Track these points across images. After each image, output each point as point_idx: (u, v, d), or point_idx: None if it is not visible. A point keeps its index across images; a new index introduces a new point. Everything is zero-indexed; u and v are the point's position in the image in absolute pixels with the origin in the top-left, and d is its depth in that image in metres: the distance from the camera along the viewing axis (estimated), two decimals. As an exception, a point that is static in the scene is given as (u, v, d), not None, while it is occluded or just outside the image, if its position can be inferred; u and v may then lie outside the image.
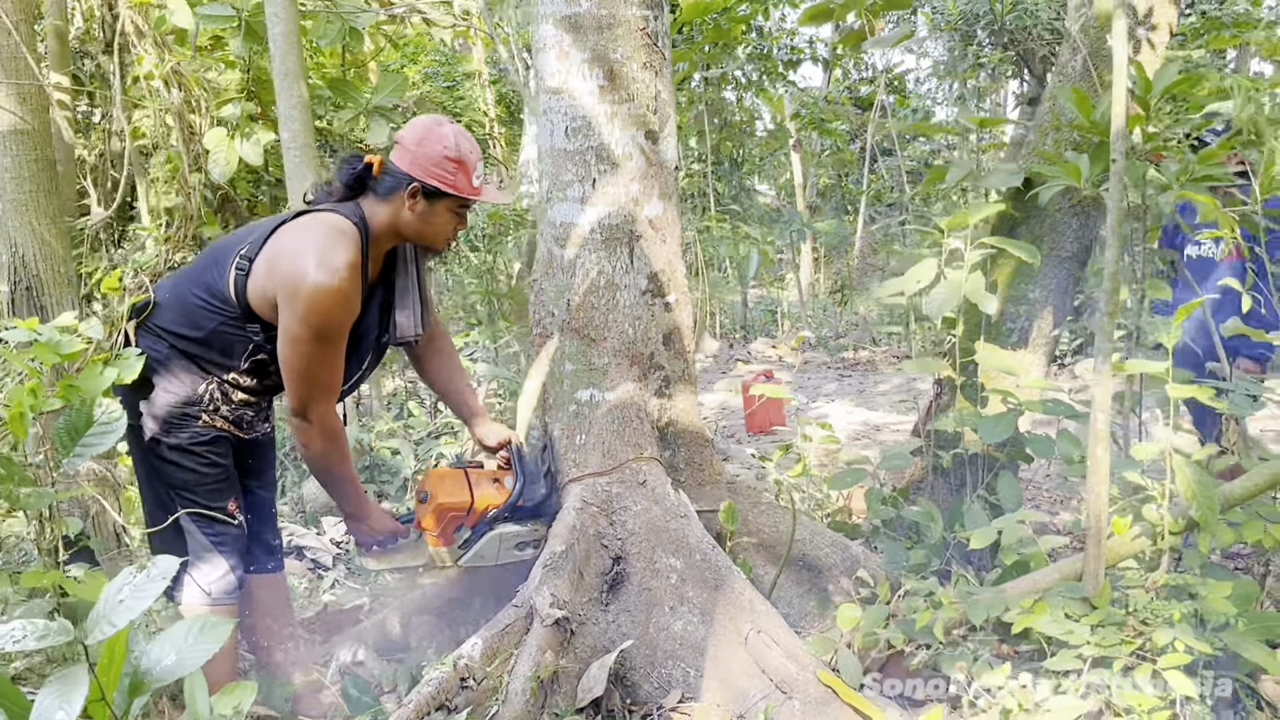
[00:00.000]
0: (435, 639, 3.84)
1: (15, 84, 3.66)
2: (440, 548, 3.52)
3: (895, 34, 12.11)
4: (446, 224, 3.25)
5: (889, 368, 12.85)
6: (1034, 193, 3.88)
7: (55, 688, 2.14)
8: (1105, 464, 2.98)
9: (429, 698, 3.00)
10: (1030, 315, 4.13)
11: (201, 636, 2.35)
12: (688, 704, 3.37)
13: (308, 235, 3.04)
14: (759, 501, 4.08)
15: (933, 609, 3.20)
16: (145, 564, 2.24)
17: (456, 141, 3.14)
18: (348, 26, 5.52)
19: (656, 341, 3.83)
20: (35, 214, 3.73)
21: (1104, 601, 3.02)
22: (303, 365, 3.02)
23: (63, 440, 2.94)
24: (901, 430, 9.07)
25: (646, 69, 3.70)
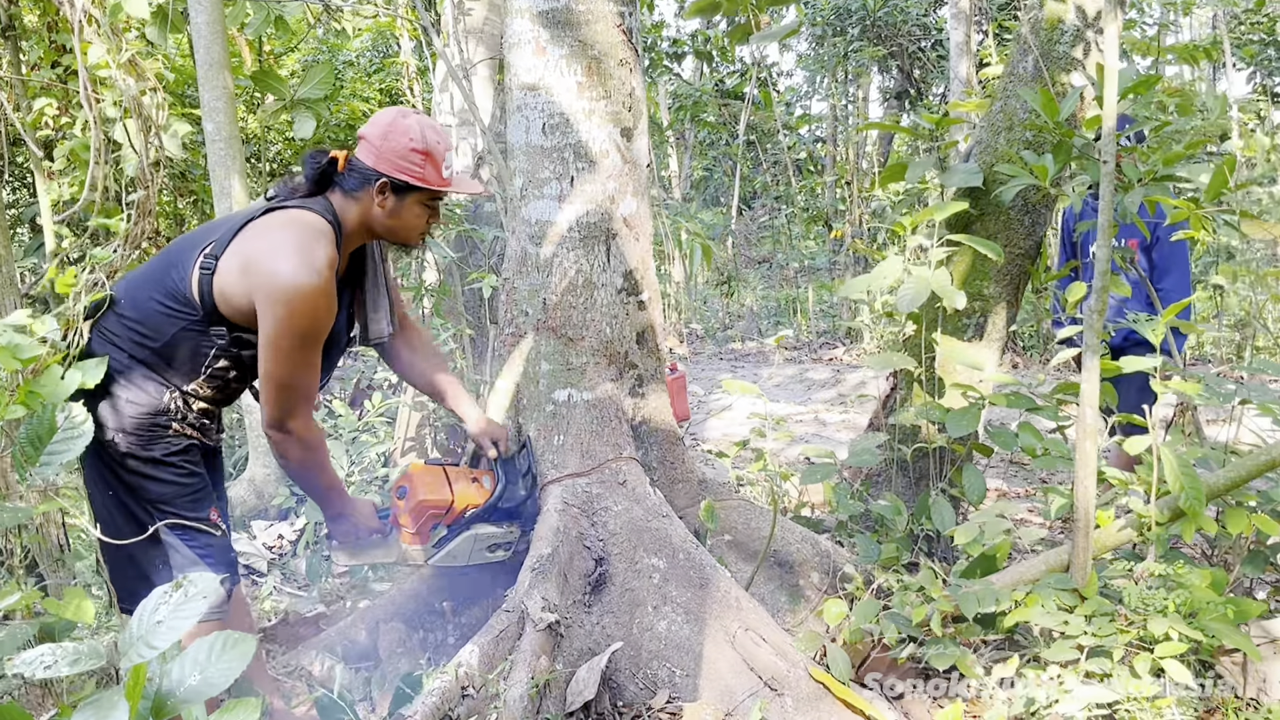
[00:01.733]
0: (404, 645, 3.76)
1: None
2: (414, 545, 3.45)
3: (782, 28, 12.28)
4: (418, 218, 3.15)
5: (781, 359, 13.02)
6: (996, 193, 3.96)
7: (89, 713, 2.02)
8: (1093, 457, 3.07)
9: (433, 708, 2.93)
10: (985, 310, 4.23)
11: (225, 654, 2.25)
12: (675, 704, 3.37)
13: (284, 234, 2.92)
14: (730, 499, 4.09)
15: (926, 603, 3.25)
16: (182, 581, 2.13)
17: (423, 133, 3.04)
18: (273, 15, 5.34)
19: (631, 340, 3.81)
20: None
21: (1092, 592, 3.10)
22: (286, 372, 2.90)
23: (27, 451, 2.76)
24: (803, 421, 9.20)
25: (623, 66, 3.67)
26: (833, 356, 12.91)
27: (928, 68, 18.95)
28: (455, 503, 3.45)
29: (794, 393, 10.75)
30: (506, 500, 3.56)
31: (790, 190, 17.22)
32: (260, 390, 2.96)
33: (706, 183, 22.94)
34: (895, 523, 3.90)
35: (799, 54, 24.96)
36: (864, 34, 19.68)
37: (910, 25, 19.40)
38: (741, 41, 14.71)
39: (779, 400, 10.39)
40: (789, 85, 23.21)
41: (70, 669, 2.02)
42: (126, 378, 2.94)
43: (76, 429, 2.65)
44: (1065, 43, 4.15)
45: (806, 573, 3.95)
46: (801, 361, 12.85)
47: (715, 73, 20.34)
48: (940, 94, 18.54)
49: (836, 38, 19.62)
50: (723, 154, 19.52)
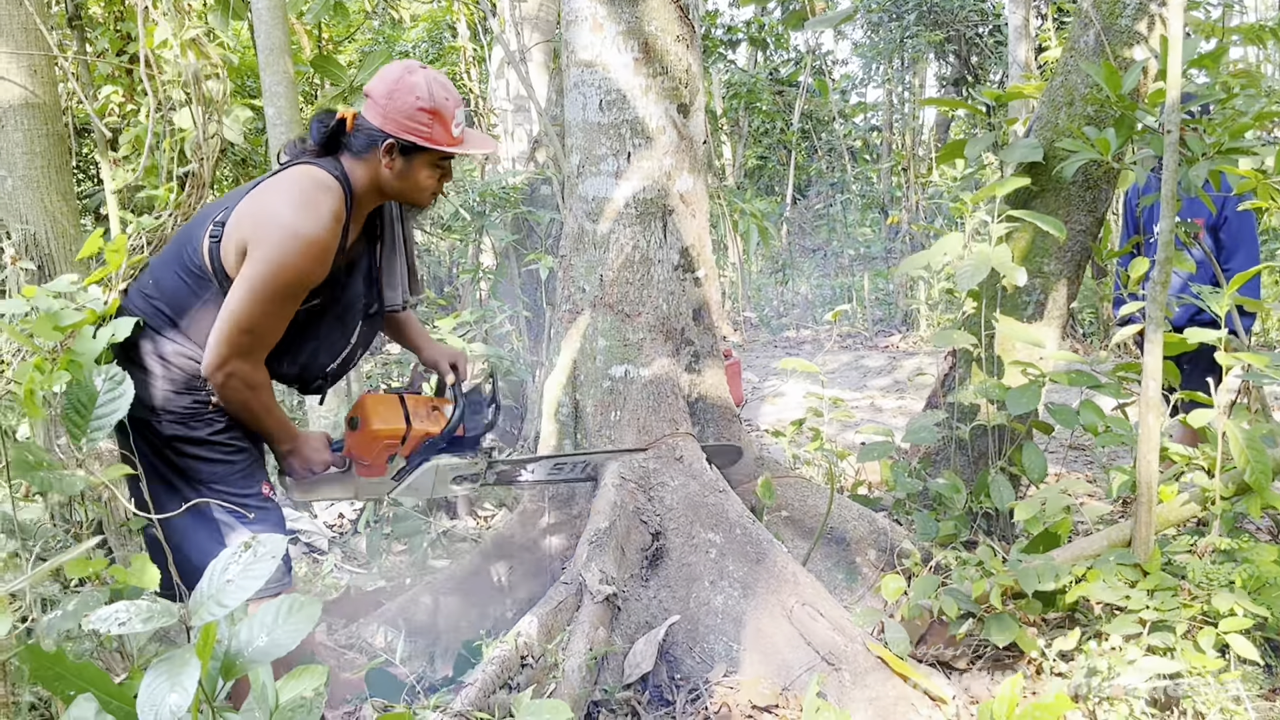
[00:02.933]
0: (463, 619, 3.79)
1: (27, 54, 3.52)
2: (371, 478, 3.26)
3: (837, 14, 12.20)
4: (428, 179, 3.01)
5: (836, 346, 12.97)
6: (1057, 169, 3.92)
7: (164, 669, 2.06)
8: (1156, 431, 3.04)
9: (493, 676, 2.96)
10: (1045, 288, 4.19)
11: (291, 616, 2.28)
12: (733, 677, 3.37)
13: (290, 185, 2.85)
14: (786, 475, 4.09)
15: (986, 578, 3.23)
16: (250, 542, 2.17)
17: (430, 89, 2.87)
18: (331, 1, 5.40)
19: (687, 316, 3.82)
20: (47, 190, 3.60)
21: (1155, 567, 3.07)
22: (250, 314, 2.76)
23: (74, 420, 2.77)
24: (859, 408, 9.17)
25: (679, 42, 3.68)
26: (888, 344, 12.83)
27: (985, 53, 18.75)
28: (411, 432, 3.22)
29: (849, 380, 10.70)
30: (469, 429, 3.32)
31: (845, 177, 17.12)
32: (215, 327, 2.80)
33: (761, 171, 22.85)
34: (954, 501, 3.88)
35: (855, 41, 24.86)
36: (921, 19, 19.53)
37: (968, 10, 19.22)
38: (796, 27, 14.68)
39: (834, 387, 10.36)
40: (844, 73, 23.04)
41: (143, 626, 2.06)
42: (162, 359, 2.90)
43: (118, 389, 2.64)
44: (1128, 16, 4.10)
45: (863, 550, 3.94)
46: (857, 349, 12.78)
47: (770, 61, 20.27)
48: (998, 80, 18.33)
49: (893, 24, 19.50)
50: (777, 142, 19.43)
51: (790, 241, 18.47)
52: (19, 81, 3.52)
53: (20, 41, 3.53)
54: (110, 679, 2.21)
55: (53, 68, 3.63)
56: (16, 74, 3.52)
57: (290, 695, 2.33)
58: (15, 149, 3.54)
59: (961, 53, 20.81)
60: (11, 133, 3.53)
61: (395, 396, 3.29)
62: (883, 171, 17.89)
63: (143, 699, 2.04)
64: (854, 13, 14.01)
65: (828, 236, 17.70)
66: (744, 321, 15.17)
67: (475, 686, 2.92)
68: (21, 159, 3.55)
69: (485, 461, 3.38)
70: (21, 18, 3.52)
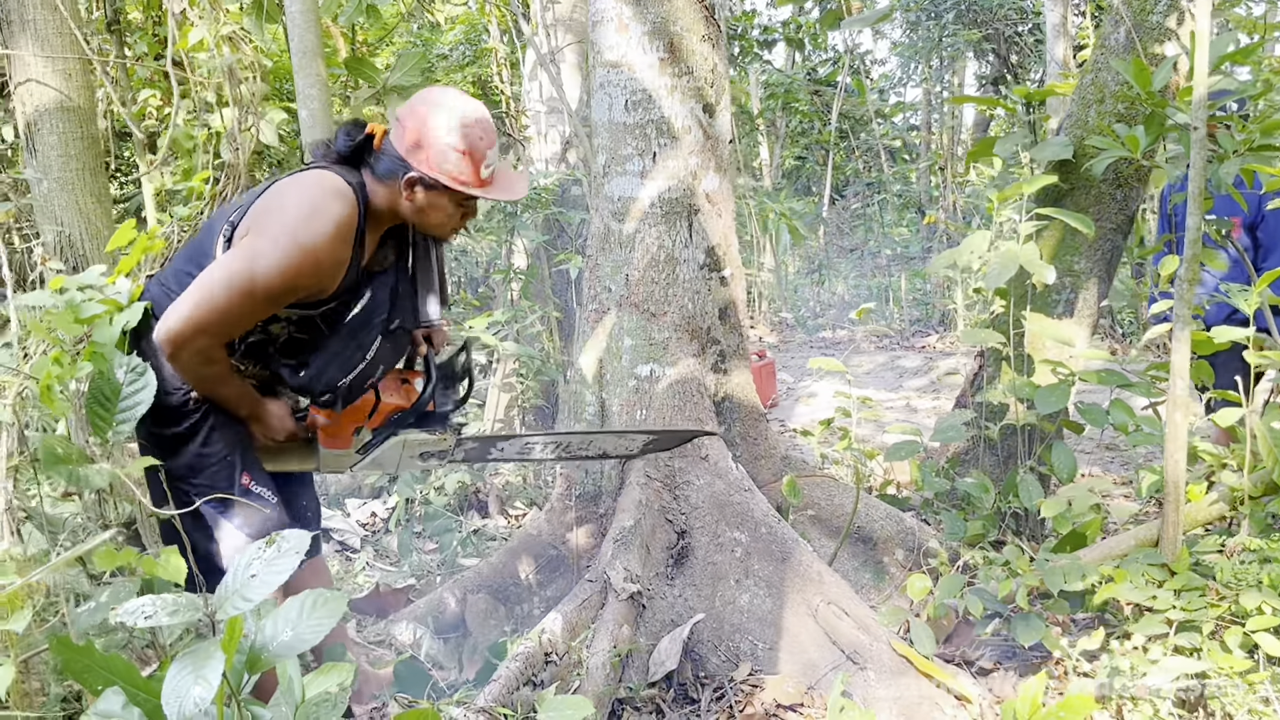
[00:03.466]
0: (491, 616, 3.82)
1: (62, 59, 3.58)
2: (335, 450, 3.11)
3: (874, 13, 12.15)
4: (449, 218, 2.88)
5: (872, 347, 12.92)
6: (1086, 167, 3.90)
7: (188, 662, 2.09)
8: (1184, 430, 3.01)
9: (517, 673, 2.98)
10: (1075, 286, 4.16)
11: (316, 611, 2.31)
12: (758, 676, 3.38)
13: (304, 188, 2.74)
14: (813, 475, 4.09)
15: (1012, 578, 3.22)
16: (275, 538, 2.19)
17: (464, 129, 2.73)
18: (364, 4, 5.45)
19: (713, 316, 3.82)
20: (81, 192, 3.67)
21: (1183, 567, 3.05)
22: (224, 292, 2.62)
23: (98, 413, 2.77)
24: (894, 408, 9.13)
25: (705, 41, 3.68)
26: (925, 344, 12.77)
27: (1025, 52, 18.60)
28: (379, 406, 3.09)
29: (885, 380, 10.66)
30: (439, 405, 3.19)
31: (881, 177, 17.04)
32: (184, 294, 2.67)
33: (799, 171, 22.78)
34: (982, 500, 3.87)
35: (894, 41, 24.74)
36: (959, 18, 19.41)
37: (1006, 9, 19.09)
38: (832, 27, 14.62)
39: (869, 388, 10.32)
40: (882, 72, 22.94)
41: (169, 619, 2.09)
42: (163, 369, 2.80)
43: (140, 381, 2.66)
44: (1159, 12, 4.06)
45: (891, 549, 3.93)
46: (893, 349, 12.72)
47: (807, 61, 20.21)
48: (1038, 78, 18.19)
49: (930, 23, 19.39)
50: (814, 142, 19.37)
51: (827, 242, 18.41)
52: (54, 85, 3.58)
53: (55, 46, 3.59)
54: (138, 671, 2.24)
55: (87, 72, 3.69)
56: (51, 78, 3.58)
57: (316, 690, 2.37)
58: (51, 152, 3.60)
59: (1001, 51, 20.67)
60: (47, 136, 3.59)
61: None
62: (920, 171, 17.79)
63: (168, 691, 2.07)
64: (890, 12, 13.96)
65: (864, 236, 17.63)
66: (780, 322, 15.14)
67: (499, 683, 2.94)
68: (57, 162, 3.62)
69: (454, 438, 3.21)
70: (56, 23, 3.59)
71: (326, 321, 2.89)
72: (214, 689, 2.04)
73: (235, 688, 2.24)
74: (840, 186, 21.40)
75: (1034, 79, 18.35)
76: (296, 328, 2.90)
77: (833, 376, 11.06)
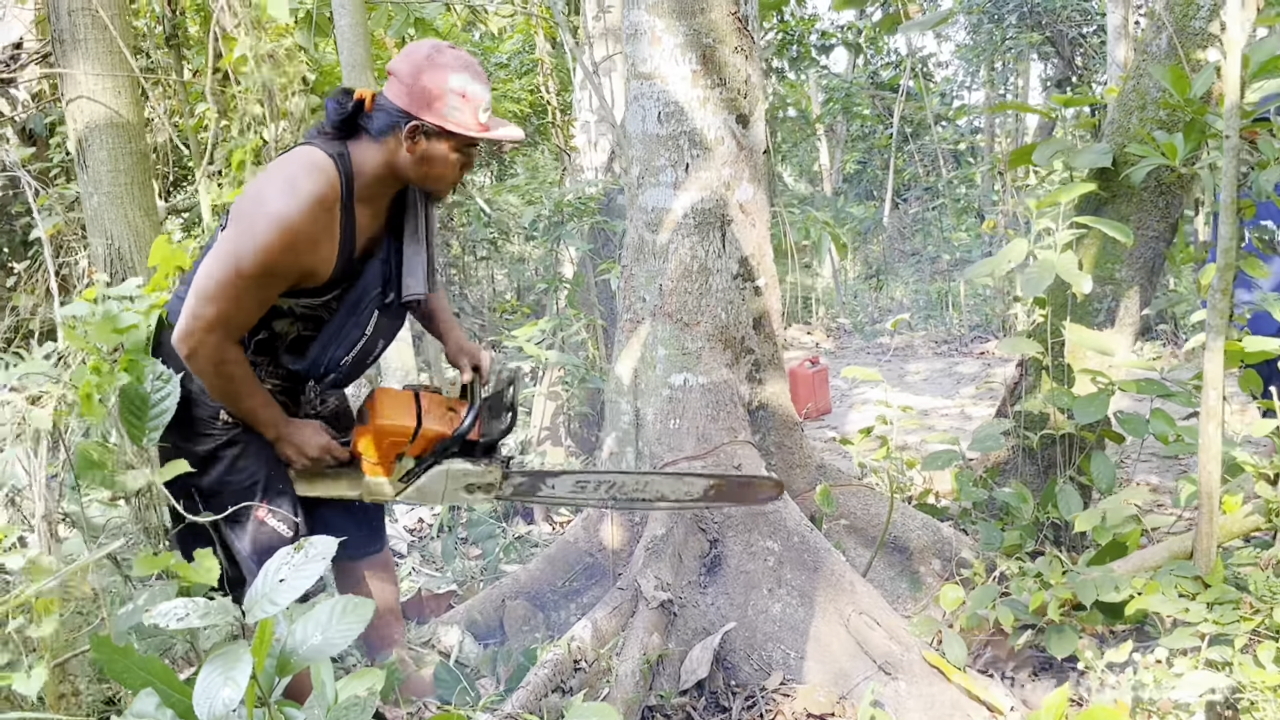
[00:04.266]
0: (528, 622, 3.86)
1: (111, 76, 3.68)
2: (377, 478, 3.06)
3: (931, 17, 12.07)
4: (450, 166, 2.82)
5: (930, 353, 12.82)
6: (1125, 174, 3.86)
7: (218, 664, 2.16)
8: (1217, 441, 2.98)
9: (545, 680, 3.02)
10: (1116, 295, 4.12)
11: (345, 616, 2.37)
12: (790, 685, 3.39)
13: (279, 167, 2.74)
14: (848, 484, 4.09)
15: (1044, 589, 3.20)
16: (303, 544, 2.25)
17: (461, 71, 2.71)
18: (412, 16, 5.53)
19: (747, 325, 3.84)
20: (130, 206, 3.77)
21: (1217, 579, 3.01)
22: (216, 284, 2.65)
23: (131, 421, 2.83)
24: (948, 415, 9.06)
25: (737, 53, 3.70)
26: (984, 350, 12.64)
27: (1090, 54, 18.36)
28: (421, 431, 3.02)
29: (942, 387, 10.58)
30: (484, 434, 3.12)
31: (939, 182, 16.92)
32: (188, 296, 2.71)
33: (860, 176, 22.67)
34: (1020, 510, 3.84)
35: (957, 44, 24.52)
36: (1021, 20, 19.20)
37: (1070, 10, 18.85)
38: (890, 31, 14.55)
39: (924, 394, 10.24)
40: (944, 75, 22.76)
41: (200, 621, 2.16)
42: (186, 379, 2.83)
43: (166, 388, 2.72)
44: (1201, 18, 4.01)
45: (927, 559, 3.92)
46: (951, 355, 12.61)
47: (869, 65, 20.12)
48: (1104, 80, 17.95)
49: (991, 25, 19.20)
50: (872, 147, 19.28)
51: (888, 247, 18.30)
52: (104, 102, 3.69)
53: (106, 64, 3.70)
54: (174, 674, 2.32)
55: (136, 88, 3.80)
56: (102, 95, 3.69)
57: (348, 694, 2.43)
58: (100, 167, 3.71)
59: (1065, 53, 20.42)
60: (97, 151, 3.70)
61: (410, 393, 3.10)
62: (982, 175, 17.63)
63: (199, 693, 2.15)
64: (948, 17, 13.86)
65: (922, 241, 17.50)
66: (837, 328, 15.08)
67: (527, 689, 2.98)
68: (106, 176, 3.72)
69: (500, 471, 3.16)
70: (106, 42, 3.70)
71: (330, 311, 2.90)
72: (242, 690, 2.10)
73: (266, 690, 2.30)
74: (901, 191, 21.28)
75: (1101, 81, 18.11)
76: (304, 325, 2.90)
77: (888, 383, 11.00)
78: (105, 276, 3.64)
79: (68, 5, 3.62)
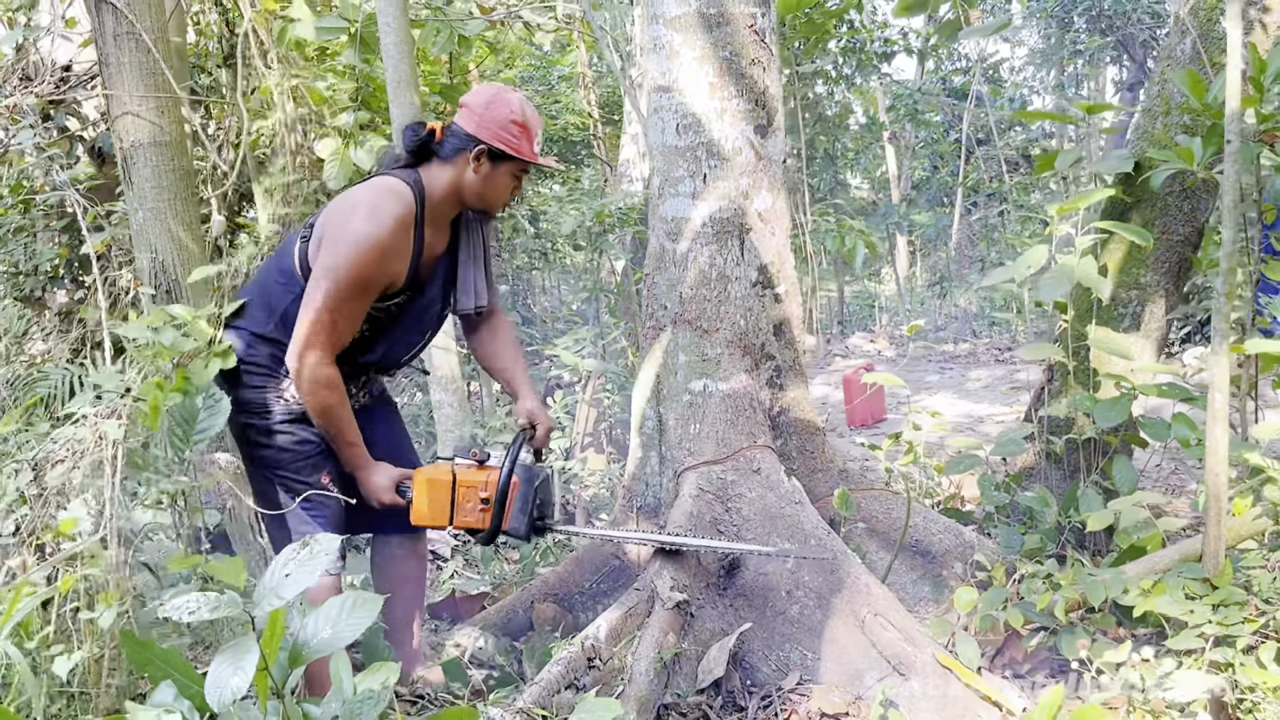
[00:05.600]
0: (555, 623, 3.96)
1: (155, 97, 3.85)
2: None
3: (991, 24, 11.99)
4: (505, 187, 3.28)
5: (992, 360, 12.74)
6: (1145, 177, 3.88)
7: (228, 655, 2.30)
8: (1224, 444, 2.99)
9: (558, 676, 3.11)
10: (1142, 300, 4.13)
11: (355, 611, 2.50)
12: (806, 685, 3.44)
13: (360, 193, 3.15)
14: (871, 489, 4.14)
15: (1052, 591, 3.23)
16: (308, 541, 2.38)
17: (523, 108, 3.19)
18: (456, 34, 5.68)
19: (767, 332, 3.90)
20: (173, 221, 3.92)
21: (1225, 581, 3.02)
22: (319, 305, 3.04)
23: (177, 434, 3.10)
24: (1005, 421, 9.01)
25: (754, 65, 3.78)
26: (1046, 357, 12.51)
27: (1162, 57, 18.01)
28: (454, 520, 3.30)
29: (1000, 394, 10.51)
30: (512, 528, 3.33)
31: (1002, 187, 16.78)
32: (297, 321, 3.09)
33: (929, 182, 22.53)
34: (1043, 514, 3.86)
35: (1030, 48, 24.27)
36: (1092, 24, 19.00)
37: (1140, 13, 18.62)
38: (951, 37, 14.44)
39: (984, 401, 10.20)
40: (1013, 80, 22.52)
41: (210, 614, 2.30)
42: (251, 359, 3.23)
43: (216, 405, 2.97)
44: (1224, 23, 4.01)
45: (949, 563, 3.96)
46: (1013, 363, 12.52)
47: (940, 69, 19.99)
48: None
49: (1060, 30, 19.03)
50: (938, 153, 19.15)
51: (956, 253, 18.18)
52: (148, 119, 3.86)
53: (150, 85, 3.87)
54: (191, 666, 2.46)
55: (178, 107, 3.96)
56: (146, 114, 3.86)
57: (363, 688, 2.55)
58: (145, 184, 3.88)
59: (1137, 56, 20.15)
60: (141, 168, 3.87)
61: (449, 481, 3.28)
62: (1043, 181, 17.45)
63: (210, 682, 2.29)
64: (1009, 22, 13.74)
65: (985, 248, 17.36)
66: (901, 335, 15.04)
67: (540, 685, 3.07)
68: (150, 193, 3.89)
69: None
70: (150, 64, 3.87)
71: (392, 314, 3.28)
72: (249, 678, 2.24)
73: (280, 684, 2.43)
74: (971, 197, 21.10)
75: (1172, 83, 17.77)
76: (368, 325, 3.25)
77: (946, 390, 10.97)
78: (150, 290, 3.82)
79: (113, 30, 3.80)
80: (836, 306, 17.22)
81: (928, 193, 21.60)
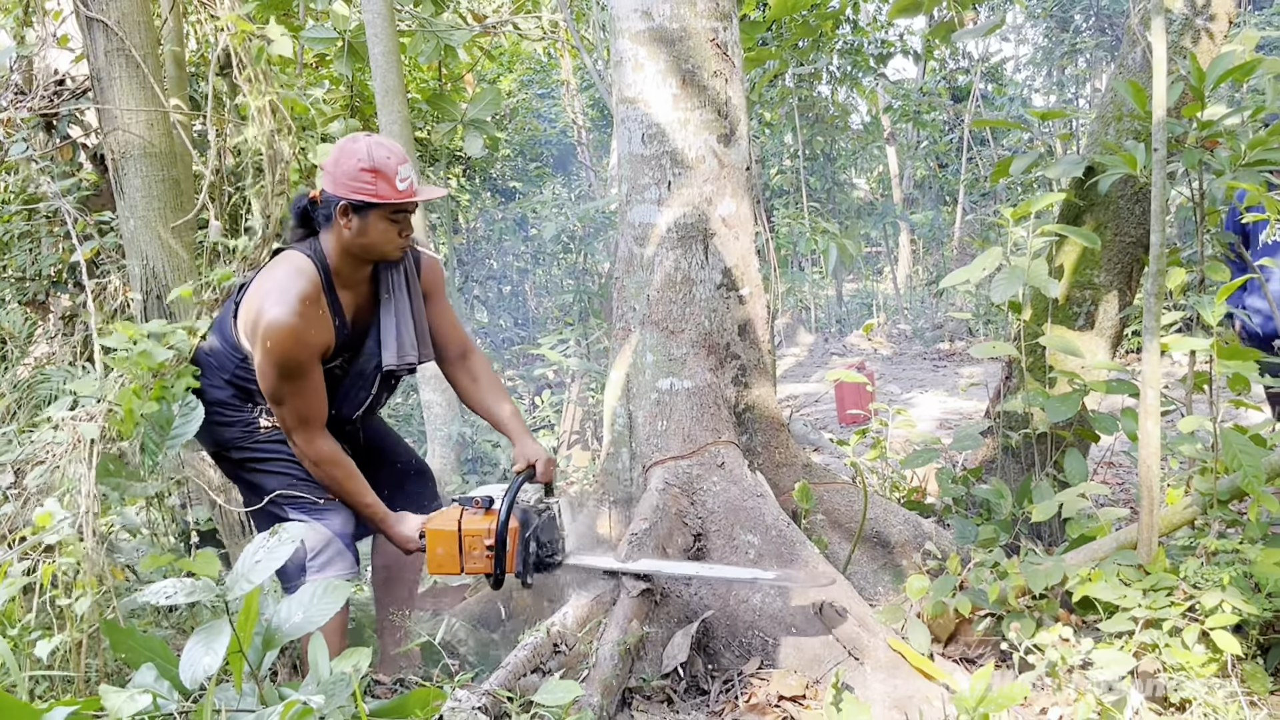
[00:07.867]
0: (528, 612, 4.11)
1: (145, 110, 4.02)
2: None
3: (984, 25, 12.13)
4: (385, 232, 3.28)
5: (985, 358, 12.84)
6: (1091, 182, 4.03)
7: (201, 636, 2.48)
8: (1156, 437, 3.15)
9: (525, 660, 3.27)
10: (1095, 299, 4.28)
11: (325, 597, 2.69)
12: (766, 670, 3.60)
13: (269, 276, 3.26)
14: (833, 482, 4.30)
15: (1000, 579, 3.39)
16: (277, 530, 2.57)
17: (369, 151, 3.17)
18: (443, 44, 5.86)
19: (732, 332, 4.07)
20: (163, 229, 4.09)
21: (1158, 568, 3.18)
22: (274, 400, 3.26)
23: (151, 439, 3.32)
24: (994, 418, 9.15)
25: (717, 77, 3.94)
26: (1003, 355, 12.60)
27: (1162, 56, 18.07)
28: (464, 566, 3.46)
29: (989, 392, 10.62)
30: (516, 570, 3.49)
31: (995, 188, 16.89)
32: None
33: (931, 182, 22.65)
34: (999, 506, 4.02)
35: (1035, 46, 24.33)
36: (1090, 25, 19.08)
37: (1138, 13, 18.63)
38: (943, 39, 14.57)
39: (974, 399, 10.33)
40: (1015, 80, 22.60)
41: (185, 599, 2.48)
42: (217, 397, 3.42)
43: (190, 414, 3.18)
44: (1174, 31, 4.17)
45: (908, 553, 4.11)
46: (1007, 361, 12.61)
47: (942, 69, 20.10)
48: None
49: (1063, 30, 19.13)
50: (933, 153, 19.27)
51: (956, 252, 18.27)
52: (138, 133, 4.04)
53: (139, 98, 4.05)
54: (170, 650, 2.65)
55: (167, 119, 4.13)
56: (135, 126, 4.04)
57: (338, 670, 2.74)
58: (135, 194, 4.06)
59: (1138, 56, 20.14)
60: (132, 179, 4.05)
61: (454, 531, 3.41)
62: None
63: (184, 661, 2.47)
64: (1001, 23, 13.87)
65: (979, 248, 17.46)
66: (898, 334, 15.18)
67: (506, 669, 3.23)
68: (141, 202, 4.07)
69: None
70: (140, 78, 4.04)
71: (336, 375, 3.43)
72: (220, 658, 2.43)
73: (256, 665, 2.61)
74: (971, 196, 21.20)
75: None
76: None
77: (938, 388, 11.12)
78: (139, 295, 4.00)
79: (104, 46, 3.97)
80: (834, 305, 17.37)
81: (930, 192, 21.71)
